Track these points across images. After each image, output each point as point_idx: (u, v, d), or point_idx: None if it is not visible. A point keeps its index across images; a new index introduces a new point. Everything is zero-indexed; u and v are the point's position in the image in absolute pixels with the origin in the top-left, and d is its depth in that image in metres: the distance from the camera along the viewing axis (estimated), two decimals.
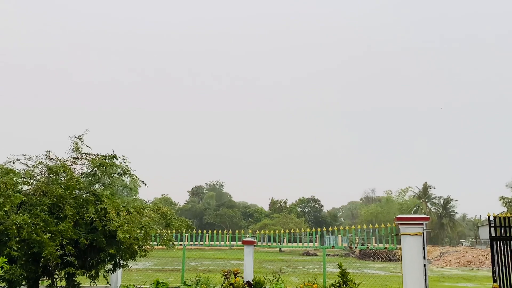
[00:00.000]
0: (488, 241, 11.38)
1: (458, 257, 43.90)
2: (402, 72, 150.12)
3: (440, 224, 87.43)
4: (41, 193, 8.64)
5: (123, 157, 10.02)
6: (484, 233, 76.77)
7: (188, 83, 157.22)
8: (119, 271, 13.87)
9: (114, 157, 9.91)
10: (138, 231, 8.78)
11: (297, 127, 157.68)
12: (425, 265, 11.22)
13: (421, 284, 11.05)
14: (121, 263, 10.13)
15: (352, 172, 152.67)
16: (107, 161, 9.67)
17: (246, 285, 13.31)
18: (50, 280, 9.63)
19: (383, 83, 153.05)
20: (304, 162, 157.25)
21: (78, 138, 9.75)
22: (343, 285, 12.09)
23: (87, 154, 9.76)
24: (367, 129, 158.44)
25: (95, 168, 9.68)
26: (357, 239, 14.28)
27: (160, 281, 13.41)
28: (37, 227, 7.79)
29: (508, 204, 63.86)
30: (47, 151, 9.49)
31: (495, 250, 10.69)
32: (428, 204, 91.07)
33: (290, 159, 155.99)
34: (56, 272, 9.27)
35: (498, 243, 10.73)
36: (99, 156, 9.78)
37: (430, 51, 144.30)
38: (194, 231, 14.77)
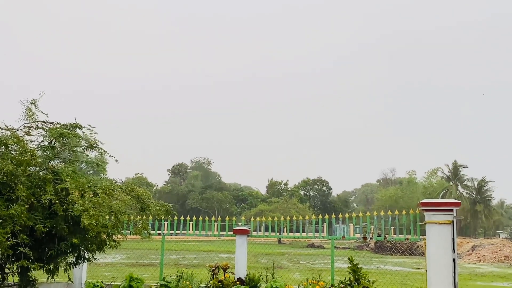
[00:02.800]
0: None
1: (494, 251, 44.46)
2: (435, 47, 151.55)
3: (473, 211, 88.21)
4: None
5: (88, 127, 9.96)
6: None
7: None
8: (84, 265, 13.97)
9: (77, 126, 9.83)
10: (107, 216, 8.78)
11: (300, 97, 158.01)
12: (454, 260, 11.34)
13: (449, 282, 11.18)
14: (86, 255, 10.16)
15: (368, 149, 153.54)
16: (68, 131, 9.60)
17: (237, 282, 13.46)
18: None
19: (418, 57, 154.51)
20: (310, 137, 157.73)
21: (31, 103, 9.65)
22: (354, 283, 12.23)
23: (44, 122, 9.68)
24: (387, 101, 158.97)
25: (53, 140, 9.61)
26: (372, 229, 14.39)
27: (134, 277, 13.53)
28: None
29: None
30: None
31: None
32: (459, 187, 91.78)
33: (292, 134, 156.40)
34: (7, 265, 9.31)
35: None
36: (58, 125, 9.70)
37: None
38: (175, 218, 14.84)
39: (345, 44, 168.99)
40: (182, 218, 15.34)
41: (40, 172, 9.22)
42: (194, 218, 15.63)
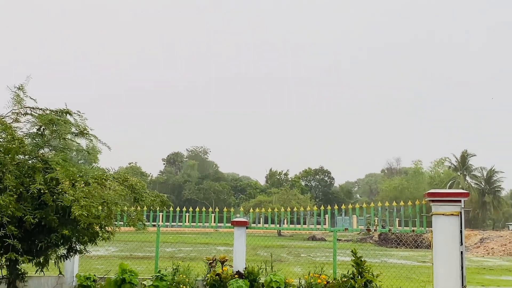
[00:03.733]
0: None
1: (503, 244, 44.60)
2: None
3: (481, 202, 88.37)
4: None
5: (79, 113, 9.94)
6: None
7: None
8: (75, 258, 13.98)
9: (68, 112, 9.81)
10: (99, 207, 8.79)
11: (302, 84, 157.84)
12: (462, 252, 11.36)
13: (456, 276, 11.21)
14: (78, 247, 10.19)
15: (372, 137, 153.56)
16: (58, 117, 9.58)
17: (236, 275, 13.49)
18: None
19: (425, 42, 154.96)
20: (311, 125, 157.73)
21: (19, 88, 9.62)
22: (357, 277, 12.26)
23: (32, 108, 9.67)
24: (392, 88, 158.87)
25: (43, 127, 9.60)
26: (376, 220, 14.41)
27: (128, 269, 13.51)
28: None
29: None
30: None
31: None
32: (467, 177, 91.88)
33: (293, 120, 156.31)
34: None
35: None
36: (47, 112, 9.68)
37: None
38: (171, 209, 14.84)
39: (352, 29, 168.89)
40: (178, 209, 15.33)
41: (29, 161, 9.22)
42: (191, 209, 15.63)
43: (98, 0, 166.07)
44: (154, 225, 15.25)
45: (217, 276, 13.48)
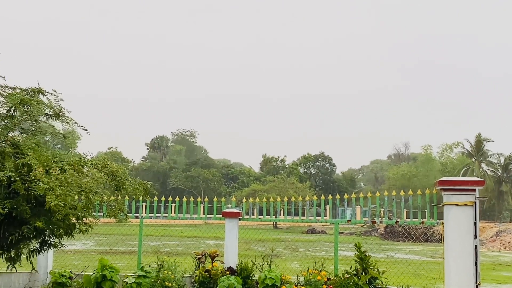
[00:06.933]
0: None
1: None
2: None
3: (498, 192, 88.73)
4: None
5: (53, 92, 9.88)
6: None
7: None
8: (49, 253, 14.00)
9: (40, 91, 9.75)
10: (76, 196, 8.76)
11: (301, 62, 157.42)
12: (476, 247, 11.42)
13: (469, 272, 11.28)
14: (52, 241, 10.18)
15: (378, 120, 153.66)
16: (29, 97, 9.53)
17: (227, 272, 13.54)
18: None
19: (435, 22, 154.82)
20: (311, 105, 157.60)
21: None
22: (361, 273, 12.33)
23: (1, 87, 9.60)
24: (402, 67, 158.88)
25: (13, 108, 9.56)
26: (382, 212, 14.46)
27: (108, 265, 13.52)
28: None
29: None
30: None
31: None
32: (483, 164, 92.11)
33: (291, 102, 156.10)
34: None
35: None
36: (18, 90, 9.63)
37: None
38: (156, 199, 14.85)
39: (358, 15, 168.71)
40: (163, 199, 15.35)
41: None
42: (177, 199, 15.64)
43: None
44: (136, 217, 15.26)
45: (206, 273, 13.52)
